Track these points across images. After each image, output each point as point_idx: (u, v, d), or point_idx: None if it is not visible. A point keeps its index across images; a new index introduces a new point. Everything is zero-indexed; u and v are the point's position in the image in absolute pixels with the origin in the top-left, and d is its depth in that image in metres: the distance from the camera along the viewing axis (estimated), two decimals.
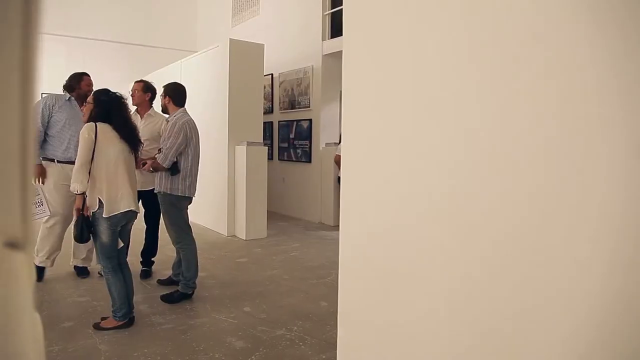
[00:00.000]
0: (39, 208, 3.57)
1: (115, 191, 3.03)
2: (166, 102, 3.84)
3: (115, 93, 3.25)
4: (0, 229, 0.33)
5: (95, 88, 3.92)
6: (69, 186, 4.01)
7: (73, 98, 4.21)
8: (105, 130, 3.01)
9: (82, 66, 5.88)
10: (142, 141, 3.41)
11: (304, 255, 5.35)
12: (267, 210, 6.32)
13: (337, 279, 4.64)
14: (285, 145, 8.01)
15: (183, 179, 3.75)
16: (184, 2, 11.56)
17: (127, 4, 10.69)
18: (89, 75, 4.35)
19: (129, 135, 3.15)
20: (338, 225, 6.50)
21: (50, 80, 4.94)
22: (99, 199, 2.99)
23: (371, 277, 1.73)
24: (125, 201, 3.08)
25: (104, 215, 3.00)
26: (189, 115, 3.86)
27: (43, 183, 3.90)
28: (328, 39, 7.41)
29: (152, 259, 4.48)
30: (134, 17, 10.74)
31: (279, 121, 8.21)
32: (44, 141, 4.11)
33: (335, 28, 7.55)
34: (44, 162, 4.06)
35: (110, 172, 3.01)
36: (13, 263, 0.34)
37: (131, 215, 3.19)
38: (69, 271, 4.36)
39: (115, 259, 3.15)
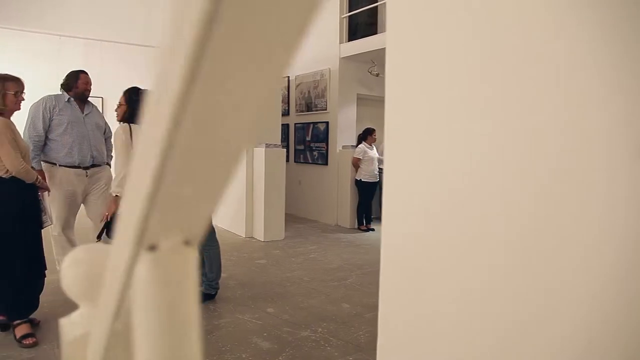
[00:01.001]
0: (44, 216, 3.32)
1: None
2: None
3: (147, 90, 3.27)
4: (182, 228, 0.35)
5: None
6: (72, 191, 4.04)
7: (72, 99, 4.06)
8: (139, 131, 3.03)
9: (100, 67, 5.99)
10: None
11: (323, 257, 5.37)
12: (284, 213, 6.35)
13: (357, 281, 4.66)
14: (302, 147, 8.04)
15: None
16: None
17: (141, 4, 10.78)
18: (86, 73, 4.16)
19: None
20: (355, 228, 6.58)
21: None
22: None
23: (412, 281, 1.74)
24: None
25: None
26: None
27: (46, 189, 3.47)
28: (345, 41, 7.43)
29: None
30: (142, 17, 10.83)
31: (295, 123, 8.24)
32: (44, 144, 3.94)
33: (352, 31, 7.59)
34: (45, 166, 3.86)
35: None
36: (190, 260, 0.36)
37: None
38: None
39: None
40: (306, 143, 7.96)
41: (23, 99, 3.12)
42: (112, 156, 4.38)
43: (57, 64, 8.91)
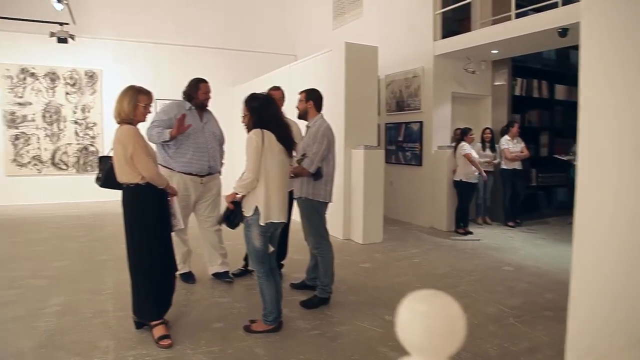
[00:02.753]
0: (174, 220, 3.38)
1: (272, 200, 3.07)
2: (308, 106, 3.87)
3: (262, 94, 3.26)
4: None
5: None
6: (187, 196, 4.15)
7: (193, 108, 4.19)
8: (270, 137, 3.04)
9: (185, 72, 6.19)
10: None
11: (427, 262, 5.21)
12: None
13: (469, 289, 4.45)
14: (393, 147, 7.89)
15: (325, 184, 3.77)
16: (282, 7, 11.80)
17: (226, 10, 11.09)
18: (206, 82, 4.24)
19: (287, 140, 3.15)
20: (451, 231, 6.35)
21: (160, 85, 4.87)
22: (256, 205, 3.04)
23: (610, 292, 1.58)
24: (278, 211, 3.11)
25: (259, 223, 3.06)
26: (327, 122, 3.87)
27: (175, 194, 3.49)
28: (439, 39, 7.19)
29: (282, 262, 4.55)
30: (232, 23, 11.12)
31: (385, 123, 8.11)
32: (162, 149, 4.08)
33: (447, 28, 7.33)
34: (163, 171, 3.85)
35: (269, 180, 3.05)
36: None
37: (281, 224, 3.23)
38: (201, 273, 4.54)
39: (268, 263, 3.21)
40: (398, 143, 7.80)
41: (150, 112, 3.24)
42: (223, 163, 4.49)
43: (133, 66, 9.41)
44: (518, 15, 6.27)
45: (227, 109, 8.51)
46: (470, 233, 6.70)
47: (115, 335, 3.21)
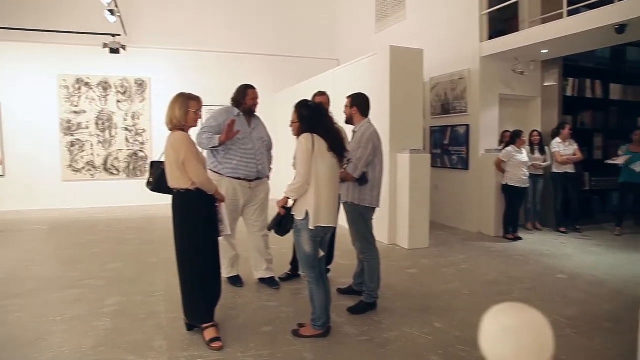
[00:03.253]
0: (221, 226, 3.42)
1: (322, 204, 3.06)
2: (353, 112, 3.86)
3: (315, 103, 3.27)
4: None
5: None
6: (236, 200, 4.21)
7: (242, 113, 4.24)
8: (320, 141, 3.05)
9: (230, 78, 6.31)
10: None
11: (476, 269, 5.08)
12: None
13: (522, 296, 4.32)
14: (439, 151, 7.77)
15: (371, 189, 3.74)
16: (324, 12, 11.85)
17: (268, 17, 11.24)
18: (254, 88, 4.29)
19: (338, 146, 3.14)
20: (499, 236, 6.13)
21: (206, 92, 4.87)
22: (307, 210, 3.05)
23: None
24: (328, 216, 3.11)
25: (309, 227, 3.06)
26: (374, 126, 3.84)
27: (222, 200, 3.46)
28: (486, 40, 7.02)
29: (329, 267, 4.54)
30: (274, 29, 11.26)
31: (430, 127, 7.99)
32: (211, 154, 4.15)
33: (493, 28, 7.16)
34: (212, 175, 3.96)
35: (320, 185, 3.05)
36: None
37: (330, 228, 3.23)
38: (248, 276, 4.59)
39: (318, 268, 3.22)
40: (443, 147, 7.67)
41: (200, 117, 3.31)
42: (271, 168, 4.53)
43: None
44: (570, 13, 6.04)
45: (270, 114, 8.61)
46: (520, 239, 6.50)
47: (167, 337, 3.29)
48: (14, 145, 9.55)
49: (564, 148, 6.97)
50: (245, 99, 4.23)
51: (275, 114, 9.24)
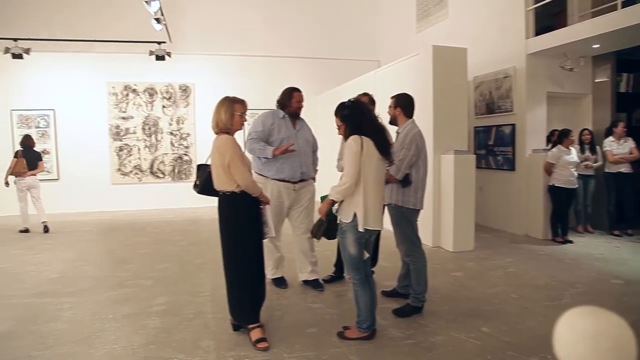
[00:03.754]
0: (266, 228, 3.44)
1: (369, 206, 3.04)
2: (396, 113, 3.81)
3: (350, 101, 3.24)
4: None
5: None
6: (280, 202, 4.23)
7: (287, 116, 4.27)
8: (368, 143, 3.03)
9: (271, 82, 6.37)
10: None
11: (524, 272, 4.92)
12: None
13: (574, 302, 4.14)
14: (483, 152, 7.58)
15: (414, 191, 3.68)
16: (364, 14, 11.79)
17: (308, 20, 11.29)
18: (299, 91, 4.31)
19: (383, 143, 3.10)
20: (548, 239, 5.87)
21: (249, 96, 4.90)
22: (355, 212, 3.03)
23: None
24: (375, 218, 3.08)
25: (358, 229, 3.04)
26: (418, 127, 3.79)
27: (267, 202, 3.46)
28: (532, 36, 6.81)
29: (372, 269, 4.49)
30: (314, 32, 11.29)
31: (474, 127, 7.81)
32: (256, 157, 4.19)
33: (539, 24, 6.93)
34: (257, 178, 4.02)
35: (367, 187, 3.02)
36: None
37: (376, 230, 3.20)
38: (292, 278, 4.61)
39: (363, 270, 3.19)
40: (488, 147, 7.48)
41: (245, 120, 3.35)
42: (317, 170, 4.54)
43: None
44: (625, 4, 5.76)
45: (311, 117, 8.64)
46: (570, 242, 6.25)
47: (214, 336, 3.35)
48: (67, 150, 10.02)
49: (617, 147, 6.67)
50: (290, 102, 4.26)
51: (316, 117, 9.26)
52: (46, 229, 7.61)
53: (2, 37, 8.62)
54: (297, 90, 4.31)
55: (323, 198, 3.31)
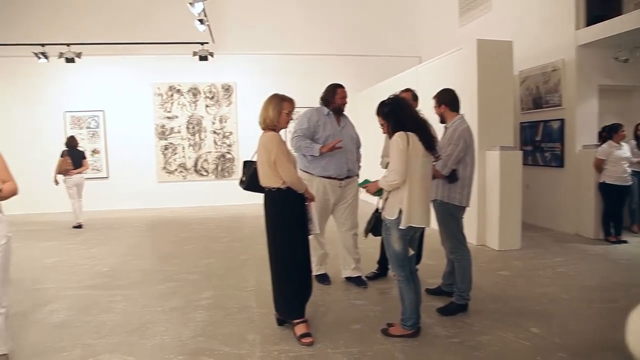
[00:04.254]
0: (311, 225, 3.44)
1: (415, 203, 3.00)
2: (442, 110, 3.75)
3: (389, 98, 3.20)
4: None
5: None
6: (326, 199, 4.23)
7: (331, 112, 4.27)
8: (414, 139, 2.99)
9: (312, 80, 6.38)
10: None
11: (575, 273, 4.74)
12: None
13: (629, 304, 3.94)
14: (530, 148, 7.35)
15: (461, 188, 3.62)
16: (405, 9, 11.64)
17: (348, 17, 11.25)
18: (342, 87, 4.30)
19: (428, 137, 3.05)
20: (600, 238, 5.61)
21: (289, 94, 4.93)
22: (400, 209, 3.00)
23: None
24: (420, 215, 3.04)
25: (400, 226, 3.01)
26: (467, 122, 3.71)
27: (312, 199, 3.45)
28: (583, 27, 6.53)
29: (416, 267, 4.44)
30: (354, 29, 11.24)
31: (520, 122, 7.58)
32: (301, 154, 4.20)
33: (592, 13, 6.63)
34: (303, 175, 4.05)
35: (413, 183, 2.99)
36: None
37: (421, 228, 3.16)
38: (335, 275, 4.61)
39: (408, 267, 3.16)
40: (535, 143, 7.24)
41: (292, 119, 3.38)
42: (360, 166, 4.52)
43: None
44: None
45: (353, 114, 8.62)
46: (624, 242, 5.97)
47: (259, 330, 3.40)
48: (115, 150, 10.42)
49: None
50: (334, 98, 4.26)
51: (358, 114, 9.23)
52: (78, 226, 8.09)
53: (56, 43, 9.05)
54: (340, 86, 4.30)
55: (362, 184, 3.35)
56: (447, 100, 3.73)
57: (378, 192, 3.19)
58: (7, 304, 2.76)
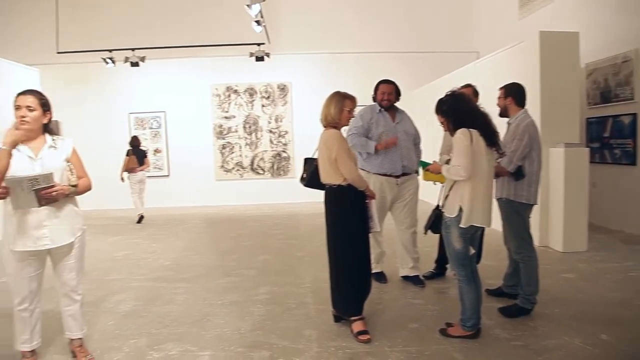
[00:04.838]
0: (371, 222, 3.46)
1: (477, 202, 2.93)
2: (507, 103, 3.65)
3: (447, 94, 3.13)
4: None
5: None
6: (383, 197, 4.19)
7: (383, 109, 4.27)
8: (477, 135, 2.93)
9: (366, 78, 6.35)
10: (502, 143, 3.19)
11: None
12: None
13: None
14: (597, 145, 6.97)
15: (528, 185, 3.50)
16: (461, 3, 11.32)
17: (403, 14, 11.09)
18: (384, 83, 4.30)
19: (491, 135, 2.98)
20: None
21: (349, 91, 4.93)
22: (460, 206, 2.95)
23: None
24: (482, 215, 2.96)
25: (460, 225, 2.95)
26: (531, 117, 3.58)
27: (373, 197, 3.50)
28: None
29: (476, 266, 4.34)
30: (409, 25, 11.06)
31: (587, 118, 7.20)
32: (357, 152, 4.16)
33: None
34: (361, 173, 3.90)
35: (476, 181, 2.92)
36: None
37: (482, 227, 3.09)
38: (391, 273, 4.58)
39: (469, 266, 3.10)
40: (604, 140, 6.86)
41: (353, 116, 3.39)
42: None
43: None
44: None
45: (409, 111, 8.52)
46: None
47: (316, 326, 3.44)
48: (176, 149, 10.85)
49: None
50: (376, 94, 4.31)
51: (414, 111, 9.09)
52: (140, 220, 8.57)
53: (122, 48, 9.52)
54: (382, 82, 4.33)
55: (422, 164, 3.46)
56: (515, 92, 3.64)
57: (434, 178, 3.15)
58: (82, 292, 2.95)
